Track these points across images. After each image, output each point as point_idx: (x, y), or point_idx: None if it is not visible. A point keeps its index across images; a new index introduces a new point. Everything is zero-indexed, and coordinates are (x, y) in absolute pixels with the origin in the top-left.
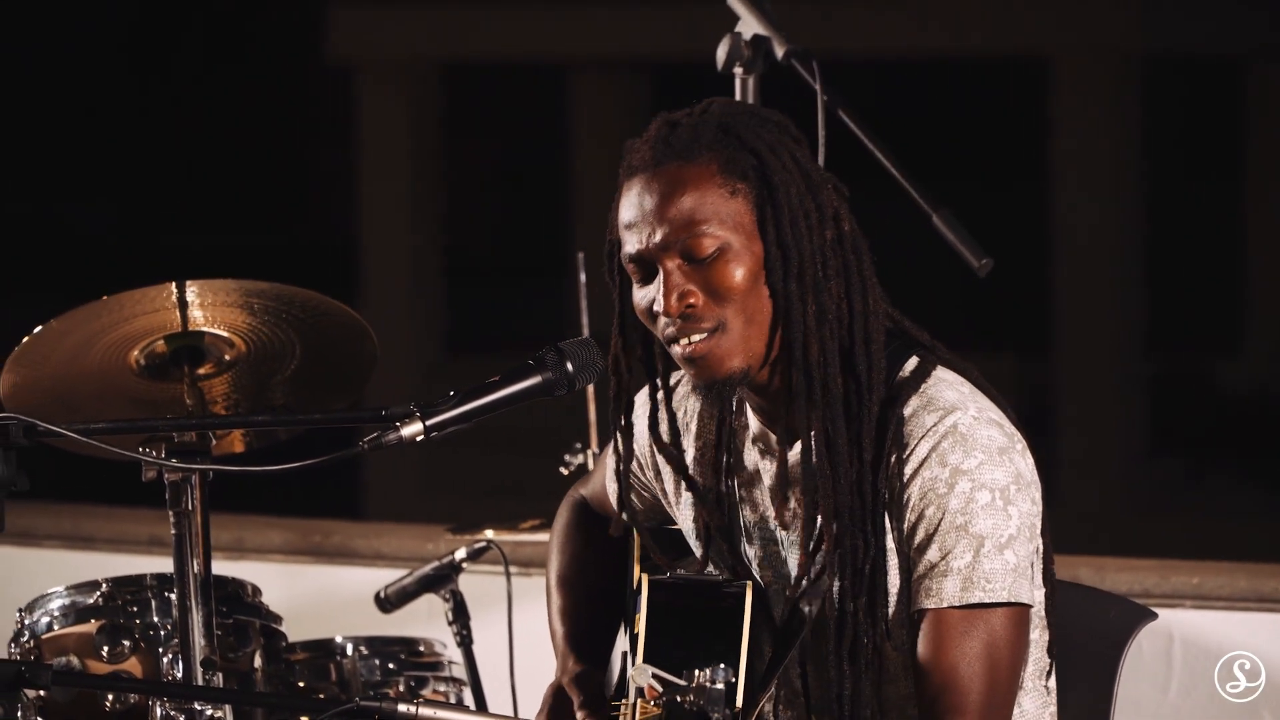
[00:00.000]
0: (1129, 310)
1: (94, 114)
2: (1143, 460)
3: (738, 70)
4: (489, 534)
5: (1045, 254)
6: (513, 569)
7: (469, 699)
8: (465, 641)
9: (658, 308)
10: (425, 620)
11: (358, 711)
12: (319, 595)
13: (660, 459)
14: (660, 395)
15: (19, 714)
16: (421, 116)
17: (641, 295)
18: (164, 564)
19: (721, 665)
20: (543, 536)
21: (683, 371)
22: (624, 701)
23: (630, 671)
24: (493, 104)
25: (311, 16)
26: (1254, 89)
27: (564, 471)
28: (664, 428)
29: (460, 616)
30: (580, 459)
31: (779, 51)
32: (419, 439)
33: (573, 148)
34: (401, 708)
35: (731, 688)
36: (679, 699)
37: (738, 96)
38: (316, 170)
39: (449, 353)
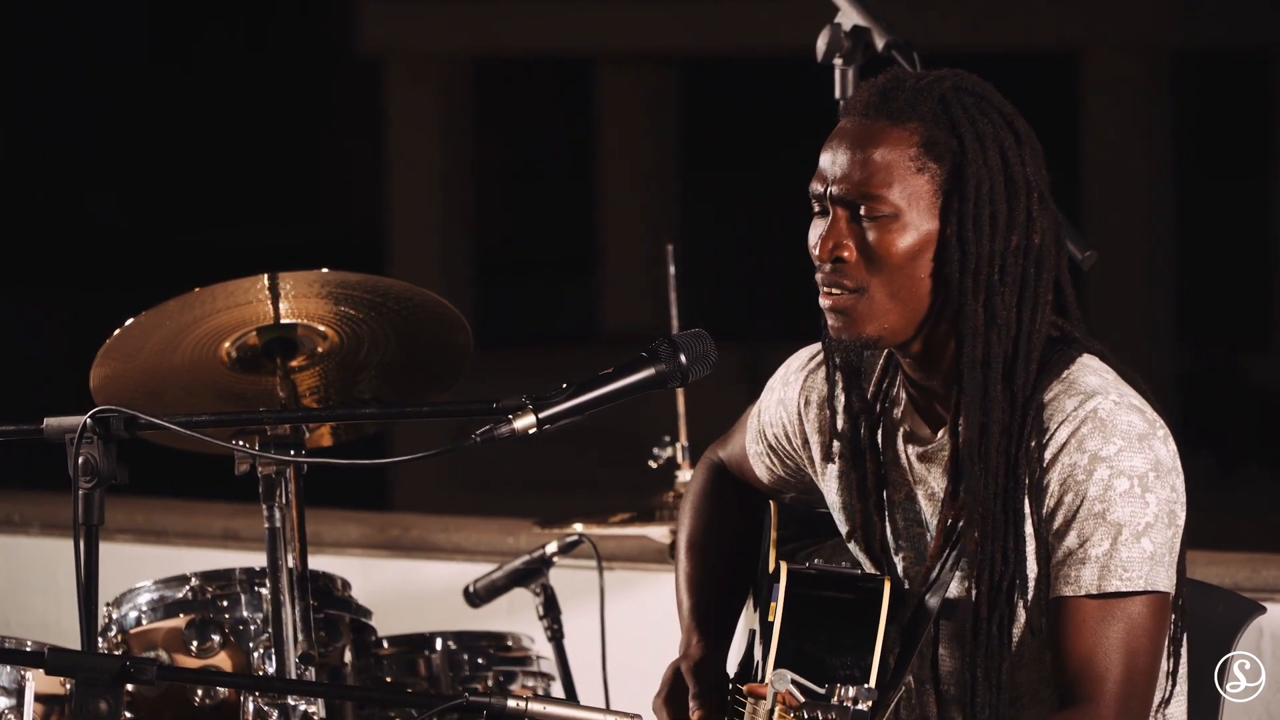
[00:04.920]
0: (1159, 305)
1: (119, 106)
2: None
3: (837, 61)
4: (578, 527)
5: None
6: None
7: (557, 694)
8: (556, 636)
9: (814, 248)
10: (505, 615)
11: (467, 706)
12: (397, 589)
13: (810, 428)
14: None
15: None
16: (450, 110)
17: (811, 231)
18: (239, 558)
19: (866, 685)
20: (632, 531)
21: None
22: (751, 689)
23: (769, 676)
24: (521, 98)
25: (342, 9)
26: None
27: (652, 465)
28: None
29: (551, 610)
30: (669, 452)
31: (879, 43)
32: (531, 431)
33: (599, 142)
34: (511, 703)
35: (875, 709)
36: (823, 716)
37: (836, 88)
38: (345, 163)
39: (476, 347)
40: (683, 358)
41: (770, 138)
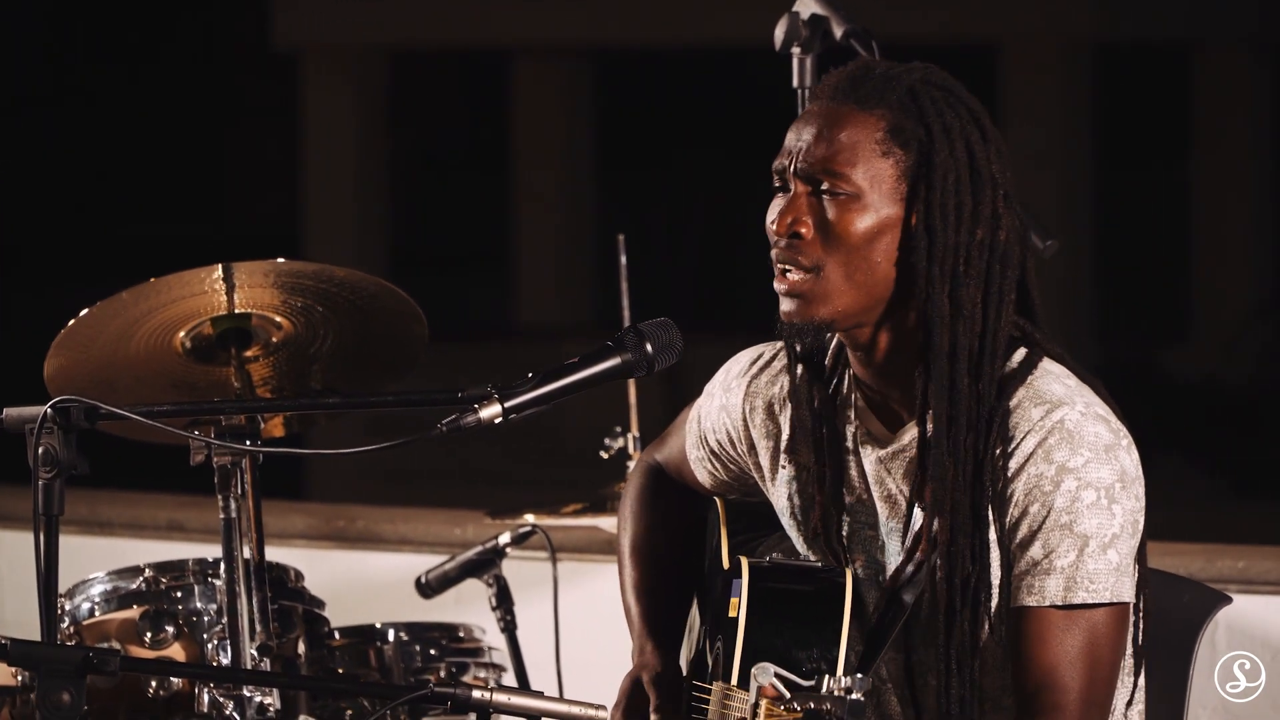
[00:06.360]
0: (1077, 298)
1: (28, 102)
2: None
3: (795, 50)
4: (529, 518)
5: None
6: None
7: (510, 685)
8: (509, 627)
9: (771, 224)
10: (454, 606)
11: (432, 697)
12: (342, 581)
13: (756, 433)
14: (766, 357)
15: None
16: (366, 104)
17: (770, 209)
18: (185, 549)
19: (859, 675)
20: (585, 521)
21: (779, 346)
22: (719, 686)
23: (753, 670)
24: (436, 92)
25: (257, 3)
26: (1202, 76)
27: (604, 456)
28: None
29: (504, 602)
30: (620, 443)
31: (838, 31)
32: (497, 421)
33: (513, 136)
34: (476, 693)
35: (867, 697)
36: (816, 706)
37: (794, 78)
38: (259, 157)
39: None
40: (648, 347)
41: (686, 132)
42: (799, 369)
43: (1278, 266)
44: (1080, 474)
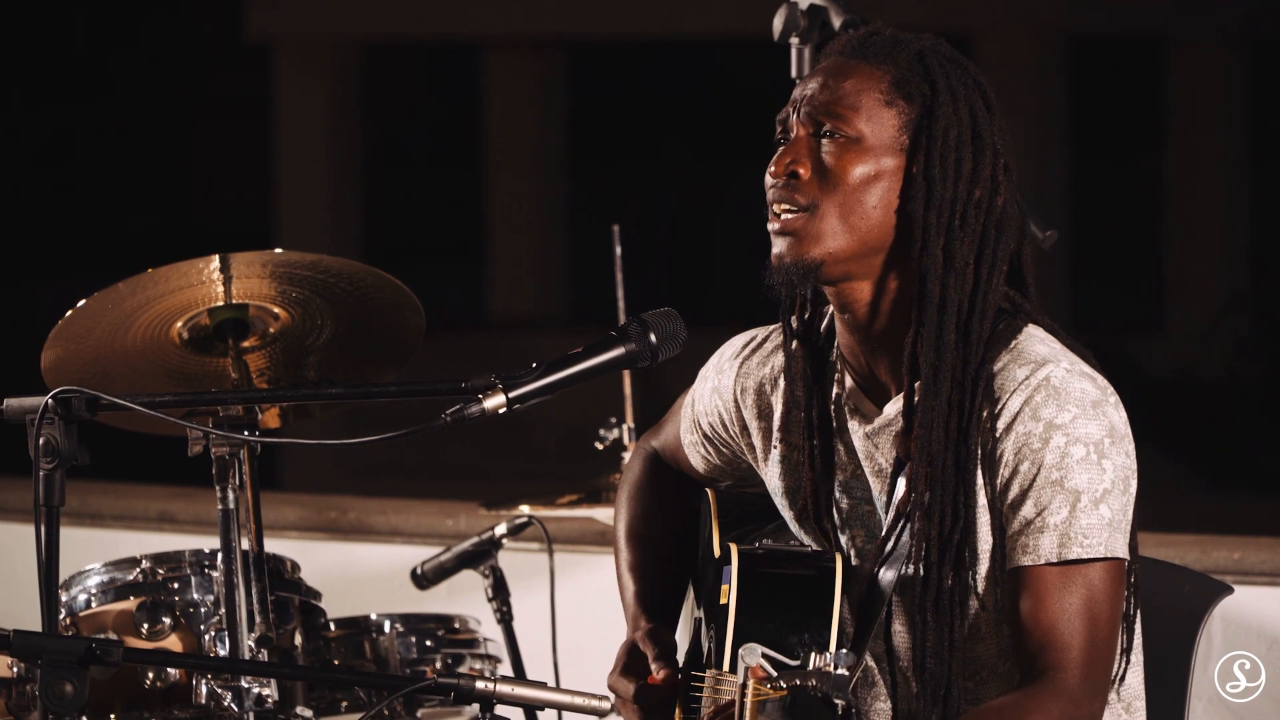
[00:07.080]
0: (1051, 289)
1: (6, 95)
2: None
3: (793, 40)
4: (525, 509)
5: None
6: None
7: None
8: (506, 618)
9: (770, 166)
10: (446, 597)
11: (435, 687)
12: (334, 572)
13: (748, 414)
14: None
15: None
16: (338, 96)
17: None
18: (175, 540)
19: (844, 650)
20: (581, 512)
21: (772, 329)
22: (712, 673)
23: (740, 651)
24: (408, 83)
25: None
26: (1176, 68)
27: (598, 447)
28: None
29: (500, 593)
30: (615, 434)
31: (836, 21)
32: (501, 411)
33: (486, 127)
34: (479, 684)
35: (853, 672)
36: (801, 683)
37: (793, 68)
38: (232, 149)
39: None
40: (652, 337)
41: (660, 125)
42: (794, 345)
43: (1252, 258)
44: (1068, 429)
